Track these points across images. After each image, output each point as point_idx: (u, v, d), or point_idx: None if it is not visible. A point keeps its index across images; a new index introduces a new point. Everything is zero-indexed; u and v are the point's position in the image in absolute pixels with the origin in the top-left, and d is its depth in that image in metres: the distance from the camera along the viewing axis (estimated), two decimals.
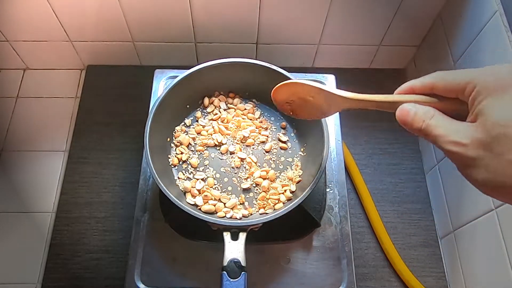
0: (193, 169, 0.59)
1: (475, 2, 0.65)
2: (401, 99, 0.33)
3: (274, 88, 0.47)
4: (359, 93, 0.38)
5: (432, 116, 0.30)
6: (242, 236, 0.50)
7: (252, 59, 0.59)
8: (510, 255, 0.56)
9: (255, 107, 0.64)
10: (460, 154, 0.28)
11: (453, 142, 0.28)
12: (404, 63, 0.90)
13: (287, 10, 0.75)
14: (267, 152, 0.61)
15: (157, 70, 0.70)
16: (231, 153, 0.60)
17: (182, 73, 0.58)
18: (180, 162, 0.59)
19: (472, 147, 0.27)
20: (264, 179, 0.58)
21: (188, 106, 0.63)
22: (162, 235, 0.59)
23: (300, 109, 0.47)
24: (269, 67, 0.59)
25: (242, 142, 0.61)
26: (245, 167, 0.59)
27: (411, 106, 0.32)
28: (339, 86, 0.70)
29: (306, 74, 0.70)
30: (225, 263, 0.48)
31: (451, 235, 0.71)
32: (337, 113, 0.68)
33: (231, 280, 0.46)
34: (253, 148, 0.61)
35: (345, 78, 0.72)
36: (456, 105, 0.30)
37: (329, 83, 0.70)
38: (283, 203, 0.56)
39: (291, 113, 0.48)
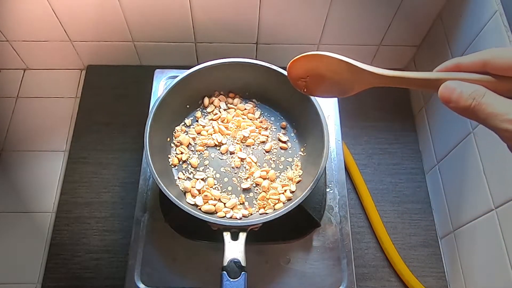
0: (193, 169, 0.59)
1: (475, 2, 0.65)
2: (447, 77, 0.31)
3: (291, 61, 0.42)
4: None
5: (483, 94, 0.29)
6: (242, 236, 0.50)
7: (252, 59, 0.59)
8: (510, 255, 0.56)
9: (255, 107, 0.64)
10: None
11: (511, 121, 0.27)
12: (404, 63, 0.90)
13: (287, 10, 0.75)
14: (267, 152, 0.60)
15: (157, 70, 0.70)
16: (231, 153, 0.60)
17: (182, 73, 0.58)
18: (180, 162, 0.59)
19: None
20: (264, 179, 0.58)
21: (188, 106, 0.63)
22: (162, 235, 0.59)
23: (315, 86, 0.42)
24: (269, 67, 0.59)
25: (242, 142, 0.61)
26: (245, 167, 0.59)
27: (456, 83, 0.30)
28: None
29: None
30: (225, 263, 0.48)
31: (451, 235, 0.71)
32: (338, 113, 0.68)
33: (231, 280, 0.46)
34: (253, 148, 0.61)
35: None
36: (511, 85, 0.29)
37: None
38: (283, 203, 0.56)
39: (304, 90, 0.44)
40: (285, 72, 0.58)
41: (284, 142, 0.61)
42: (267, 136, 0.61)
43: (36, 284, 0.70)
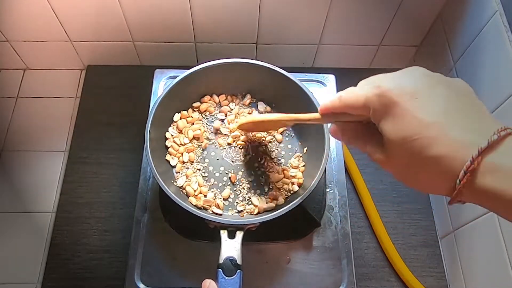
0: (193, 167, 0.59)
1: (475, 2, 0.65)
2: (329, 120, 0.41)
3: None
4: None
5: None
6: (239, 234, 0.50)
7: (252, 59, 0.59)
8: (510, 255, 0.56)
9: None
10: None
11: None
12: (404, 63, 0.90)
13: (287, 10, 0.75)
14: (267, 152, 0.60)
15: (157, 70, 0.70)
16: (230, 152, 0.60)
17: (182, 73, 0.58)
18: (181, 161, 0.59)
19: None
20: (264, 178, 0.58)
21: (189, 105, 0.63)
22: (162, 235, 0.59)
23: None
24: (269, 67, 0.59)
25: (242, 142, 0.61)
26: (246, 167, 0.59)
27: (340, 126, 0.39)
28: (339, 86, 0.70)
29: (306, 74, 0.70)
30: (221, 261, 0.48)
31: (451, 235, 0.71)
32: None
33: (227, 278, 0.46)
34: (253, 147, 0.61)
35: (345, 78, 0.72)
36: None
37: (329, 83, 0.70)
38: (283, 202, 0.56)
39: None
40: (285, 72, 0.58)
41: (283, 141, 0.61)
42: (266, 137, 0.61)
43: (36, 284, 0.70)
